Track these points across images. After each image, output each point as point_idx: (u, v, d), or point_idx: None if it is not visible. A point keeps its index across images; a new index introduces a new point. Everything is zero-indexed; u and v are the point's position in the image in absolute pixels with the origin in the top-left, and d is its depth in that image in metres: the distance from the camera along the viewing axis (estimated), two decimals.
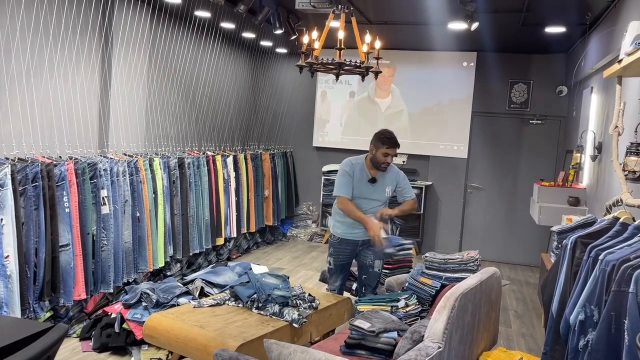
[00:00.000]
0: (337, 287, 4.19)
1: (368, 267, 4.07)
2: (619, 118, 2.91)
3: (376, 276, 4.11)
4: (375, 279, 4.11)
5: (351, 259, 4.14)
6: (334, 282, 4.18)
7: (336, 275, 4.17)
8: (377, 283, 4.15)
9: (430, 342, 2.43)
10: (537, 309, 5.59)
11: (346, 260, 4.12)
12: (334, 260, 4.11)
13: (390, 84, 7.96)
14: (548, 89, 7.38)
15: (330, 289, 4.22)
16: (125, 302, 4.11)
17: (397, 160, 8.02)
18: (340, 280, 4.19)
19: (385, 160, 3.87)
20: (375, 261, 4.05)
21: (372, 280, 4.10)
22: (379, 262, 4.08)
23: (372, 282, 4.11)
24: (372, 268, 4.06)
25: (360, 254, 4.09)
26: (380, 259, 4.10)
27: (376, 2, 5.59)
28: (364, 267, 4.10)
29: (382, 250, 3.80)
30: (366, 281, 4.12)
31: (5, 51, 4.16)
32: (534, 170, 7.35)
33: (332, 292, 4.18)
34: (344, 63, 3.70)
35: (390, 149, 3.85)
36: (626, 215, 2.51)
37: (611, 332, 1.94)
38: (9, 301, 3.61)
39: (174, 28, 6.20)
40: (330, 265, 4.15)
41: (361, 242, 4.03)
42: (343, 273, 4.19)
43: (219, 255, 6.47)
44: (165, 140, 6.05)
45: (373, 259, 4.05)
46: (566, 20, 5.60)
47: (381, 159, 3.86)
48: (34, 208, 3.82)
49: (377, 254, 4.00)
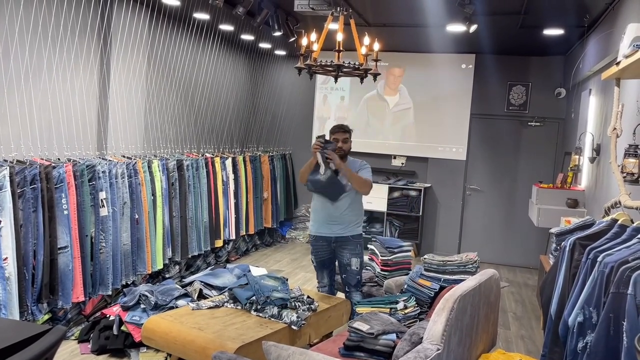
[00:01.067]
0: (327, 284, 4.32)
1: (346, 266, 4.18)
2: (617, 120, 2.91)
3: (355, 274, 4.18)
4: (354, 277, 4.18)
5: (330, 255, 4.24)
6: (322, 280, 4.33)
7: (321, 273, 4.33)
8: (357, 281, 4.21)
9: (429, 344, 2.43)
10: (536, 311, 5.59)
11: (325, 257, 4.24)
12: (314, 258, 4.28)
13: (399, 84, 7.99)
14: (546, 91, 7.39)
15: (320, 287, 4.32)
16: (124, 305, 4.10)
17: (396, 162, 8.05)
18: (327, 277, 4.32)
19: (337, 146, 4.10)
20: (351, 259, 4.15)
21: (351, 279, 4.19)
22: (355, 260, 4.16)
23: (352, 280, 4.19)
24: (350, 267, 4.16)
25: (337, 253, 4.20)
26: (357, 257, 4.15)
27: (375, 5, 5.60)
28: (342, 267, 4.22)
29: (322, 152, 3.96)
30: (346, 280, 4.22)
31: (4, 53, 4.16)
32: (533, 172, 7.35)
33: (323, 290, 4.26)
34: (343, 65, 3.70)
35: (336, 133, 4.14)
36: (624, 217, 2.51)
37: (610, 334, 1.94)
38: (7, 303, 3.60)
39: (172, 30, 6.21)
40: (313, 263, 4.33)
41: (334, 239, 4.14)
42: (326, 269, 4.31)
43: (217, 258, 6.47)
44: (164, 142, 6.04)
45: (349, 257, 4.15)
46: (564, 23, 5.61)
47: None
48: (32, 210, 3.81)
49: (353, 252, 4.14)
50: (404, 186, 7.73)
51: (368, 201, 7.43)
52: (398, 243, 4.67)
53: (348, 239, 4.15)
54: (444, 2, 5.06)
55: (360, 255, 4.21)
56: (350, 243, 4.15)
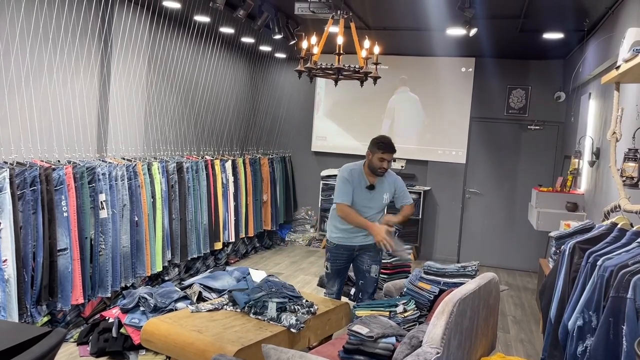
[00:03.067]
0: (335, 291, 4.20)
1: (365, 273, 4.08)
2: (616, 124, 2.92)
3: (373, 281, 4.11)
4: (372, 284, 4.11)
5: (348, 263, 4.15)
6: (332, 287, 4.20)
7: (333, 280, 4.19)
8: (374, 288, 4.15)
9: (429, 348, 2.43)
10: (536, 314, 5.58)
11: (343, 265, 4.13)
12: (331, 265, 4.12)
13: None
14: (546, 94, 7.40)
15: (328, 294, 4.22)
16: (123, 307, 4.09)
17: (396, 165, 8.04)
18: (338, 284, 4.21)
19: (381, 166, 3.87)
20: (372, 266, 4.06)
21: (369, 286, 4.11)
22: (375, 267, 4.09)
23: (369, 287, 4.11)
24: (369, 273, 4.07)
25: (357, 259, 4.10)
26: (377, 264, 4.11)
27: (375, 8, 5.61)
28: (361, 273, 4.11)
29: (395, 252, 3.84)
30: (363, 287, 4.12)
31: (5, 55, 4.16)
32: (532, 176, 7.36)
33: (330, 297, 4.19)
34: (343, 68, 3.71)
35: (385, 153, 3.85)
36: (624, 221, 2.52)
37: (609, 338, 1.94)
38: (7, 305, 3.60)
39: (173, 33, 6.21)
40: (327, 270, 4.17)
41: (358, 247, 4.04)
42: (340, 278, 4.20)
43: (217, 260, 6.46)
44: (164, 145, 6.05)
45: (370, 264, 4.06)
46: (564, 27, 5.62)
47: (377, 164, 3.87)
48: (32, 212, 3.81)
49: (374, 259, 4.03)
50: None
51: None
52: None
53: (371, 246, 4.01)
54: (444, 6, 5.07)
55: (380, 262, 4.12)
56: (372, 249, 4.04)
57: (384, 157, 3.85)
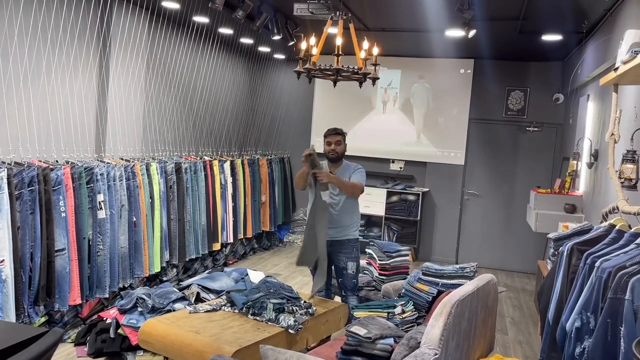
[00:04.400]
0: (322, 288, 4.27)
1: (342, 270, 4.20)
2: (615, 126, 2.92)
3: (351, 278, 4.20)
4: (350, 280, 4.20)
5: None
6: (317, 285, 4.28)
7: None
8: (354, 285, 4.23)
9: (427, 349, 2.43)
10: (534, 316, 5.58)
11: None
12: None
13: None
14: (545, 96, 7.41)
15: (317, 291, 4.26)
16: (121, 307, 4.08)
17: (395, 166, 8.06)
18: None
19: (329, 149, 4.25)
20: (347, 263, 4.17)
21: (347, 283, 4.21)
22: (351, 264, 4.19)
23: (348, 284, 4.21)
24: (346, 270, 4.18)
25: (333, 257, 4.20)
26: (353, 260, 4.17)
27: (374, 9, 5.62)
28: (339, 270, 4.23)
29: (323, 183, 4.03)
30: (342, 284, 4.24)
31: (3, 55, 4.16)
32: (531, 177, 7.36)
33: (319, 295, 4.23)
34: (342, 69, 3.71)
35: (329, 136, 4.24)
36: (622, 222, 2.51)
37: (607, 339, 1.94)
38: (4, 305, 3.59)
39: (172, 33, 6.21)
40: (309, 267, 4.35)
41: (330, 243, 4.14)
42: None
43: (215, 261, 6.45)
44: (162, 145, 6.04)
45: (345, 261, 4.17)
46: (563, 28, 5.63)
47: (326, 149, 4.27)
48: (29, 212, 3.80)
49: (349, 256, 4.17)
50: (402, 190, 7.73)
51: (366, 205, 7.43)
52: (396, 247, 4.67)
53: (344, 242, 4.17)
54: (443, 7, 5.07)
55: (357, 259, 4.22)
56: (346, 247, 4.17)
57: (329, 141, 4.24)
